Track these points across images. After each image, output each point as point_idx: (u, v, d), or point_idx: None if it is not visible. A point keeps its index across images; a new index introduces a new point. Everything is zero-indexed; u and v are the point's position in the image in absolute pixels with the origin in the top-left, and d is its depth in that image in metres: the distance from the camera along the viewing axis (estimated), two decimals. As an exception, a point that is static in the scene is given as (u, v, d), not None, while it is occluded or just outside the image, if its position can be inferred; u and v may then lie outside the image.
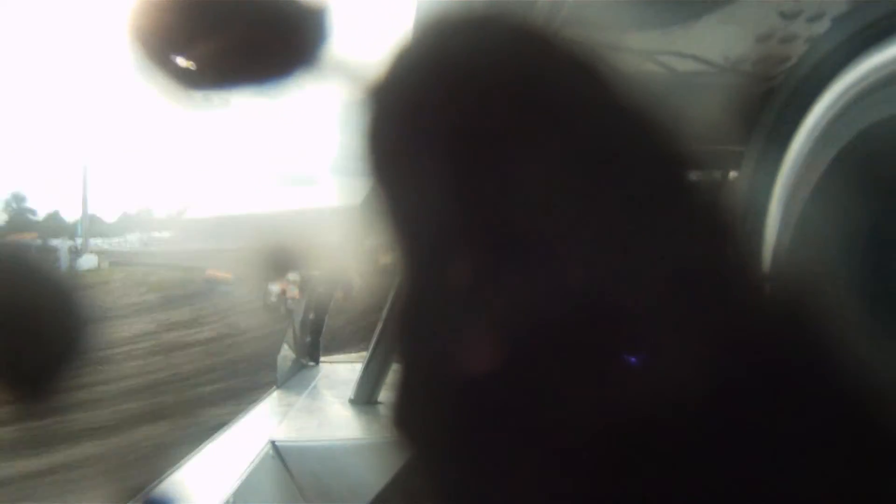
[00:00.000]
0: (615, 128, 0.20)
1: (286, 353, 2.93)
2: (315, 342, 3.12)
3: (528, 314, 0.19)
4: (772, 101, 0.85)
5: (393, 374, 0.21)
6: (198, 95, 0.24)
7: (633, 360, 0.18)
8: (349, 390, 2.45)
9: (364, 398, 2.39)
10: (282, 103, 0.24)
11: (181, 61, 0.23)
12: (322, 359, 3.14)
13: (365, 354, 2.46)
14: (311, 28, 0.23)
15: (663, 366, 0.18)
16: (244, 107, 0.26)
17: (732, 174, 0.88)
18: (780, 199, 0.82)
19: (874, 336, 0.22)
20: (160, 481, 1.55)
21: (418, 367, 0.20)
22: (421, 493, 0.20)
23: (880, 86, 0.70)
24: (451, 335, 0.19)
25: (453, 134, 0.20)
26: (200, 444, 1.93)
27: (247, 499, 1.61)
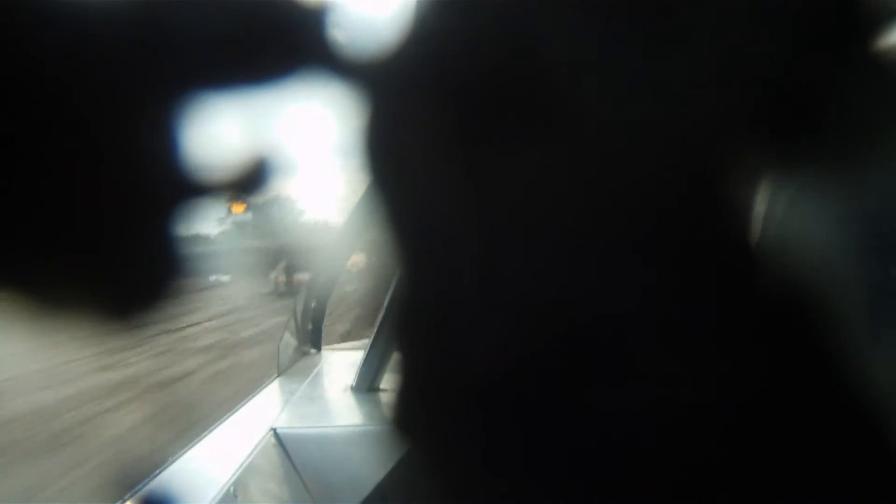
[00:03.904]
0: (613, 128, 0.20)
1: (287, 341, 2.91)
2: (317, 330, 3.10)
3: (526, 307, 0.19)
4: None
5: (394, 362, 0.21)
6: (191, 97, 0.23)
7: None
8: (351, 378, 2.44)
9: (365, 386, 2.38)
10: (280, 102, 0.24)
11: (173, 62, 0.23)
12: (324, 347, 3.12)
13: (366, 342, 2.45)
14: (308, 26, 0.23)
15: (663, 366, 0.18)
16: (241, 108, 0.25)
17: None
18: (780, 199, 0.82)
19: (874, 335, 0.22)
20: (162, 469, 1.55)
21: (419, 356, 0.21)
22: (421, 479, 0.21)
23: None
24: (451, 326, 0.20)
25: (452, 131, 0.20)
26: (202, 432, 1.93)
27: (248, 486, 1.61)
